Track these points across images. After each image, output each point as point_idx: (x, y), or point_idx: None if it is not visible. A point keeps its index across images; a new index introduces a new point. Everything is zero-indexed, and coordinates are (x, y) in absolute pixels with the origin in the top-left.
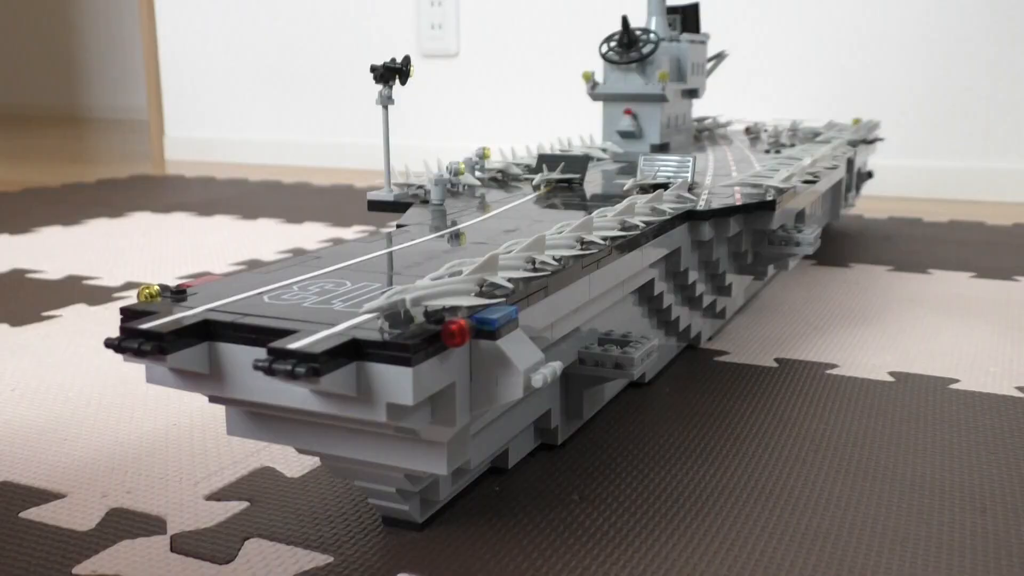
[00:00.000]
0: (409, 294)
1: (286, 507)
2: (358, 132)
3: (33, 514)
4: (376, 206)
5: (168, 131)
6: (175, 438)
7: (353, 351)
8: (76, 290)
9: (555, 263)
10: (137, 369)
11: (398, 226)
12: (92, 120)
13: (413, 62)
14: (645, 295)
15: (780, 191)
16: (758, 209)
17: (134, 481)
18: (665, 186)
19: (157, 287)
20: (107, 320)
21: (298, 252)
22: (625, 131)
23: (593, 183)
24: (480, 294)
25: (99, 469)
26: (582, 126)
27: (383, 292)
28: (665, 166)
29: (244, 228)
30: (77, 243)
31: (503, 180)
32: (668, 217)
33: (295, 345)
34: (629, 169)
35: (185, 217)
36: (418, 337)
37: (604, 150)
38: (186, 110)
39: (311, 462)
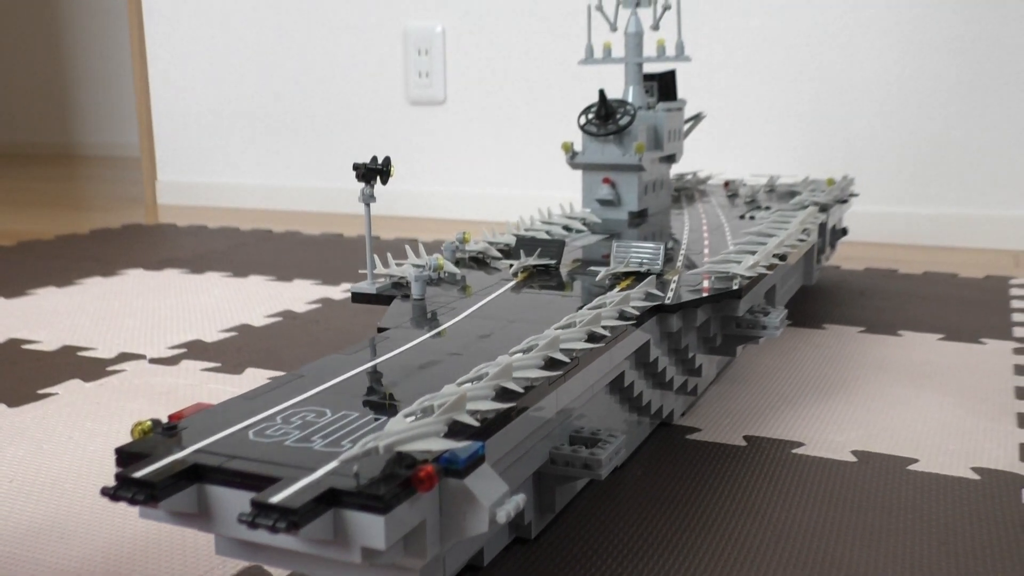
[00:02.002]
0: (382, 441)
1: None
2: (347, 178)
3: None
4: (360, 298)
5: (160, 176)
6: (168, 534)
7: (330, 499)
8: (71, 363)
9: (521, 391)
10: None
11: (379, 329)
12: (84, 158)
13: (400, 111)
14: (616, 386)
15: (747, 279)
16: (725, 298)
17: None
18: (637, 274)
19: (149, 423)
20: (101, 399)
21: (287, 316)
22: (604, 199)
23: (573, 251)
24: (450, 431)
25: (96, 570)
26: (564, 174)
27: (361, 428)
28: (637, 253)
29: (235, 287)
30: (71, 307)
31: (483, 260)
32: (635, 319)
33: (276, 499)
34: (606, 244)
35: (176, 275)
36: (390, 484)
37: (583, 221)
38: (178, 156)
39: None
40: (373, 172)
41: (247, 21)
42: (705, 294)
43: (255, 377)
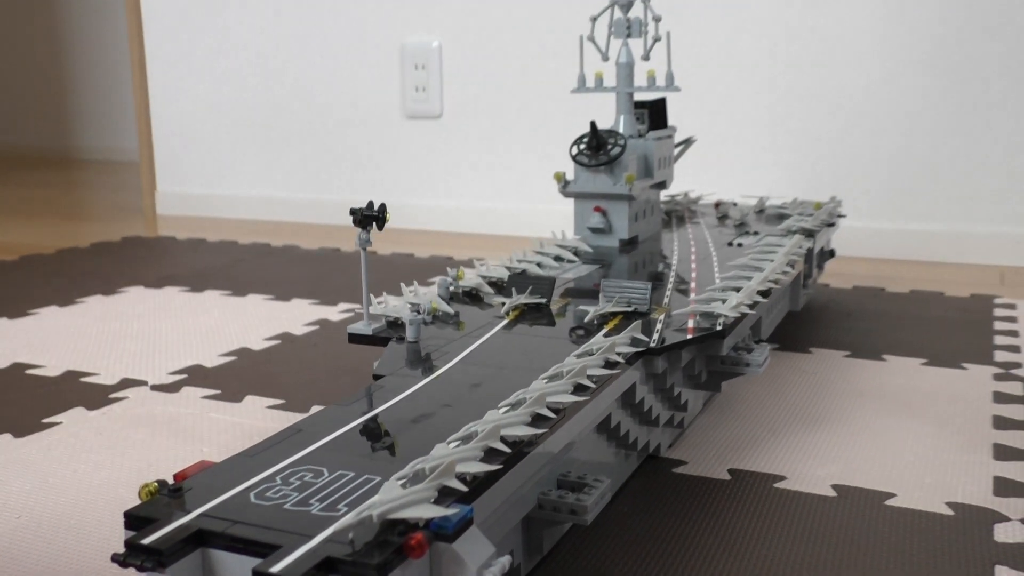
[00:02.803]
0: (375, 509)
1: None
2: (344, 190)
3: None
4: (356, 339)
5: (159, 186)
6: None
7: (327, 567)
8: (74, 390)
9: (509, 451)
10: (133, 499)
11: (375, 376)
12: (84, 162)
13: (397, 125)
14: (603, 427)
15: (730, 319)
16: (710, 338)
17: None
18: (625, 314)
19: (156, 484)
20: (104, 429)
21: (285, 339)
22: (595, 227)
23: (565, 283)
24: (440, 494)
25: None
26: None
27: (356, 490)
28: (625, 292)
29: (234, 307)
30: (74, 329)
31: (477, 296)
32: (620, 368)
33: (276, 569)
34: (597, 274)
35: (176, 293)
36: (384, 551)
37: (575, 250)
38: (177, 166)
39: None
40: (369, 218)
41: (247, 34)
42: (690, 335)
43: (254, 405)
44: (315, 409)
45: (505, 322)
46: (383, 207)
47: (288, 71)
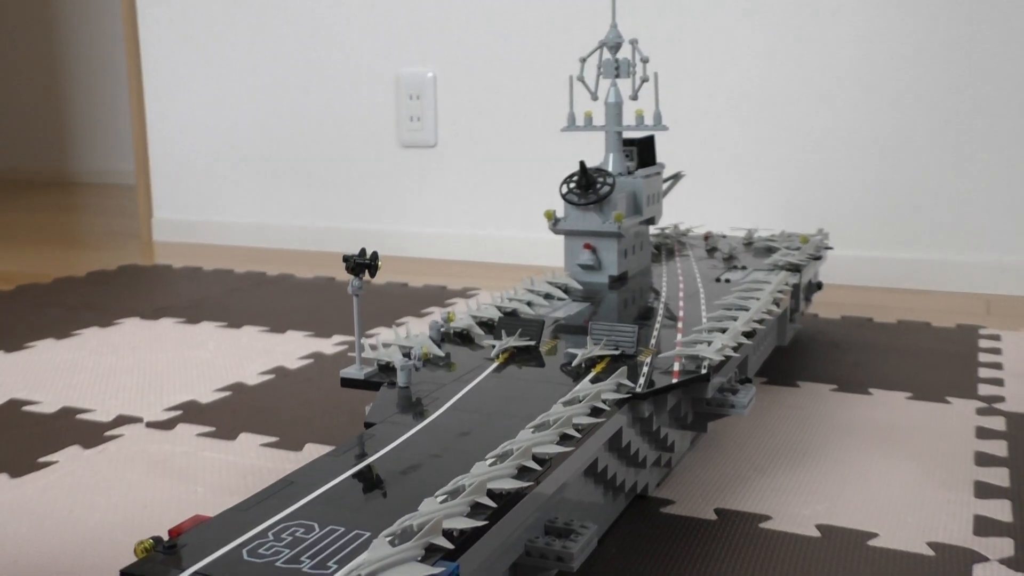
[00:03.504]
0: (363, 570)
1: None
2: (340, 217)
3: None
4: (349, 383)
5: (156, 213)
6: None
7: None
8: (70, 427)
9: (495, 506)
10: (128, 541)
11: (366, 424)
12: (81, 185)
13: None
14: (590, 471)
15: (715, 362)
16: (695, 382)
17: None
18: (612, 356)
19: (151, 541)
20: (100, 469)
21: (279, 373)
22: (585, 264)
23: (555, 322)
24: (427, 551)
25: None
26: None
27: (346, 546)
28: (613, 335)
29: (229, 339)
30: (70, 363)
31: (468, 337)
32: (606, 415)
33: None
34: (587, 311)
35: (172, 324)
36: None
37: (565, 287)
38: (174, 194)
39: None
40: (362, 266)
41: (245, 62)
42: (675, 379)
43: (248, 443)
44: (308, 447)
45: (495, 365)
46: (375, 255)
47: (285, 99)
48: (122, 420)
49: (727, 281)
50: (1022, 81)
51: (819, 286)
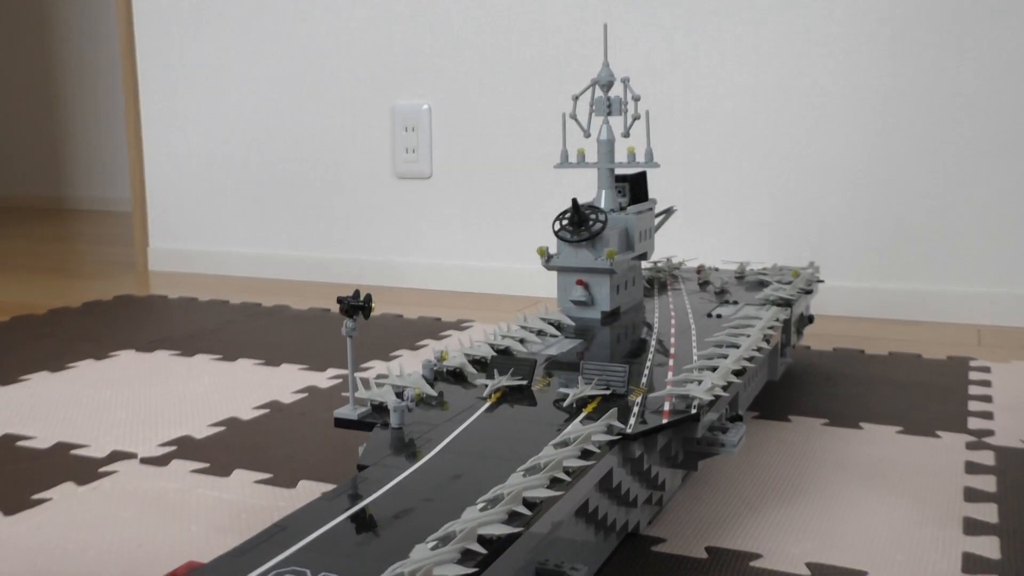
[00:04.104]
0: None
1: None
2: (335, 248)
3: None
4: (342, 423)
5: (152, 243)
6: None
7: None
8: (64, 463)
9: (485, 552)
10: None
11: (359, 467)
12: (77, 211)
13: (388, 185)
14: (581, 512)
15: (705, 401)
16: (685, 422)
17: None
18: (603, 396)
19: None
20: (94, 506)
21: (274, 407)
22: (578, 300)
23: (548, 358)
24: None
25: None
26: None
27: None
28: (604, 374)
29: (224, 373)
30: (65, 396)
31: (461, 375)
32: (597, 457)
33: None
34: (579, 349)
35: (167, 357)
36: None
37: (558, 324)
38: (170, 223)
39: None
40: (356, 308)
41: (242, 94)
42: (665, 419)
43: (242, 480)
44: (302, 484)
45: (487, 404)
46: (368, 297)
47: (282, 130)
48: (116, 456)
49: (718, 316)
50: (1009, 114)
51: (810, 319)
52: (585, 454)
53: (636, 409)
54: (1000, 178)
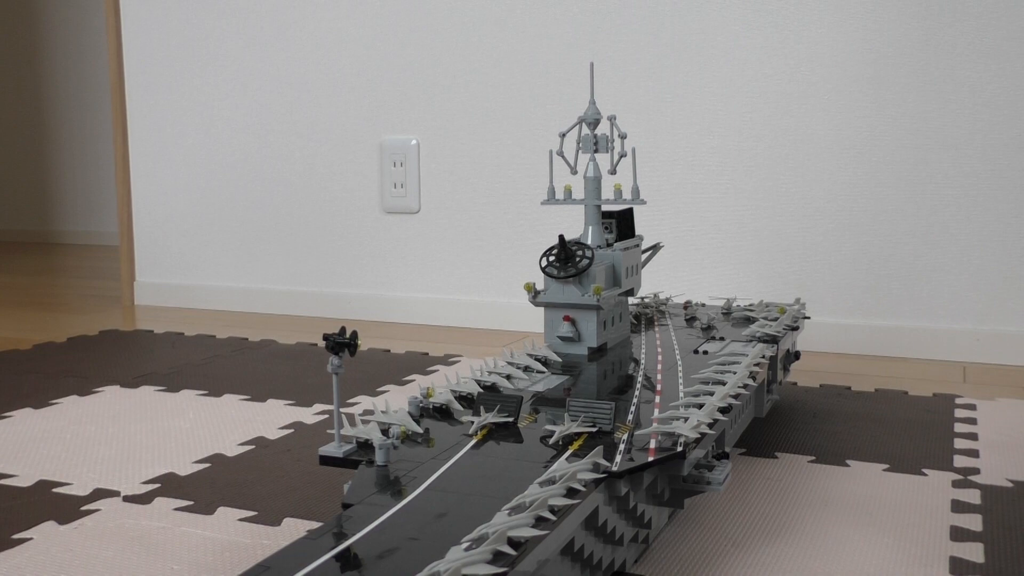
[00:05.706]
0: None
1: None
2: (323, 283)
3: None
4: (327, 461)
5: (138, 277)
6: None
7: None
8: (46, 502)
9: None
10: None
11: (344, 505)
12: (63, 245)
13: (376, 220)
14: (567, 551)
15: (691, 439)
16: (671, 460)
17: None
18: (589, 433)
19: None
20: (75, 546)
21: (259, 443)
22: (565, 336)
23: (534, 394)
24: None
25: None
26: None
27: None
28: (589, 411)
29: (209, 408)
30: (47, 433)
31: (447, 411)
32: (583, 496)
33: None
34: (566, 382)
35: (152, 393)
36: None
37: (544, 360)
38: (157, 258)
39: None
40: (342, 345)
41: (231, 128)
42: (651, 457)
43: (226, 518)
44: (287, 522)
45: (473, 442)
46: (354, 334)
47: (270, 165)
48: (99, 494)
49: (705, 352)
50: (993, 153)
51: (797, 356)
52: (571, 492)
53: (622, 446)
54: (983, 216)
